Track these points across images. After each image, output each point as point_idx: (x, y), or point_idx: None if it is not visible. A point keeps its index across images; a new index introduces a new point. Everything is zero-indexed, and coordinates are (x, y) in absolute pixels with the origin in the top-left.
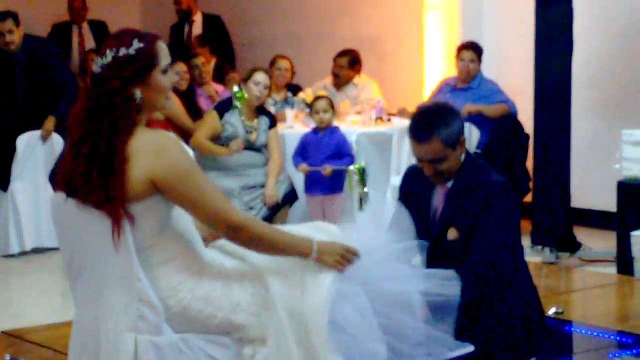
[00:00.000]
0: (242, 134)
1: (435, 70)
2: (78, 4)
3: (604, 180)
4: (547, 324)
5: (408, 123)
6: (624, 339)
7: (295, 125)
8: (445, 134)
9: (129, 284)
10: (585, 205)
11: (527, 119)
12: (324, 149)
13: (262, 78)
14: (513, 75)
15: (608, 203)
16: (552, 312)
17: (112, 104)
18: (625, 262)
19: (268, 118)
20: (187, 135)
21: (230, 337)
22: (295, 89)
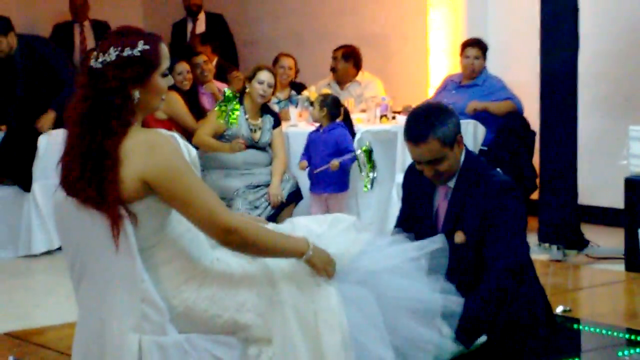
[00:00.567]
0: (245, 133)
1: (440, 68)
2: (80, 2)
3: (611, 177)
4: (555, 322)
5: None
6: (633, 337)
7: (299, 124)
8: (441, 133)
9: (132, 285)
10: (593, 202)
11: (533, 116)
12: (325, 147)
13: (266, 77)
14: (518, 72)
15: (615, 200)
16: (559, 310)
17: (109, 103)
18: (633, 259)
19: (272, 117)
20: (190, 134)
21: (235, 336)
22: (299, 87)
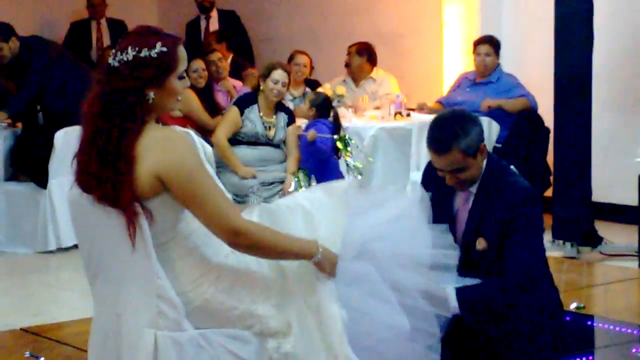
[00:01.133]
0: (260, 130)
1: (454, 65)
2: (97, 0)
3: (625, 174)
4: (565, 322)
5: (427, 118)
6: None
7: None
8: (465, 144)
9: (148, 281)
10: (606, 199)
11: (547, 113)
12: (304, 143)
13: (280, 76)
14: (533, 69)
15: (629, 196)
16: (573, 306)
17: (124, 102)
18: None
19: (286, 114)
20: (205, 131)
21: (251, 330)
22: (314, 85)
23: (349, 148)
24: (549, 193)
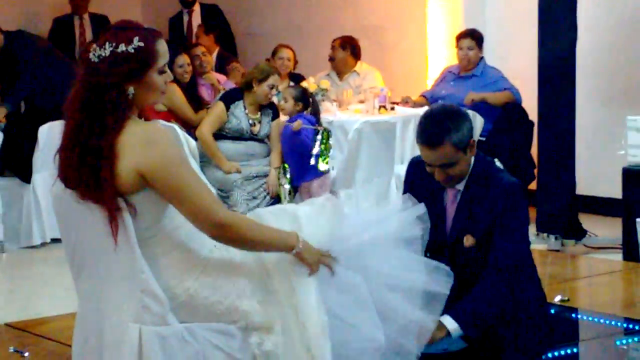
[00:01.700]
0: (245, 126)
1: (439, 59)
2: None
3: (609, 167)
4: (549, 315)
5: (411, 111)
6: (631, 326)
7: None
8: (456, 138)
9: (132, 276)
10: (591, 192)
11: (531, 106)
12: (291, 138)
13: (276, 81)
14: (517, 62)
15: (613, 190)
16: (557, 299)
17: (104, 98)
18: (631, 248)
19: (270, 109)
20: (189, 126)
21: (236, 325)
22: (298, 78)
23: (331, 141)
24: (533, 186)
